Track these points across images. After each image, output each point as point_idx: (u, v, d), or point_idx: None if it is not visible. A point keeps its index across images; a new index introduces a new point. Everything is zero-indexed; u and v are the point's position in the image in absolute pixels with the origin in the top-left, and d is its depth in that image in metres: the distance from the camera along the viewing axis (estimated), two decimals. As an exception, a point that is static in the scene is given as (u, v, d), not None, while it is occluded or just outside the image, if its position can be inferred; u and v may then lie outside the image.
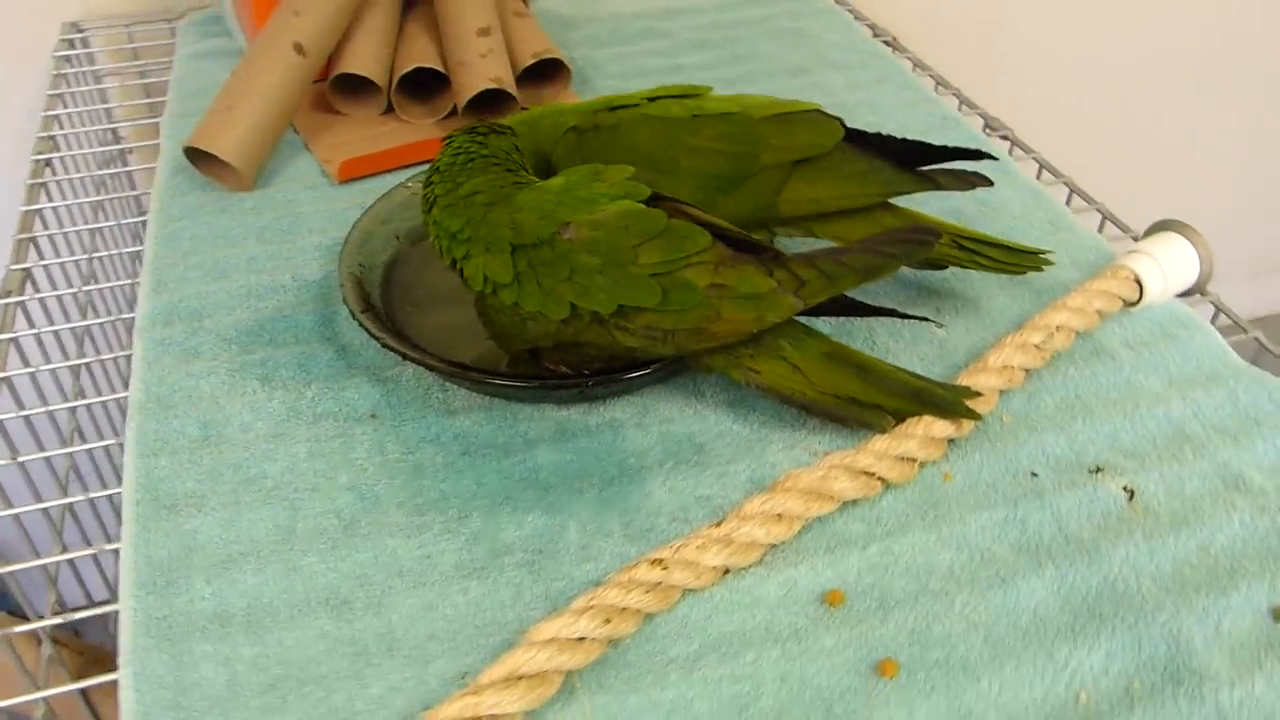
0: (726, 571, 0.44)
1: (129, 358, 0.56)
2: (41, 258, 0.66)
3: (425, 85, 0.76)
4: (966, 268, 0.57)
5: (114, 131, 0.82)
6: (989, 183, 0.58)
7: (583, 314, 0.47)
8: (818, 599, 0.44)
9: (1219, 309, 0.61)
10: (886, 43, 0.87)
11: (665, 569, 0.42)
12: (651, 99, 0.56)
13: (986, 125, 0.77)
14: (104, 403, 0.56)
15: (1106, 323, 0.57)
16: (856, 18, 0.92)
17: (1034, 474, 0.49)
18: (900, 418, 0.49)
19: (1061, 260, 0.62)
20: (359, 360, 0.56)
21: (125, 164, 0.81)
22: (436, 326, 0.56)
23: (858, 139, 0.56)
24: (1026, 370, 0.53)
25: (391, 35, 0.76)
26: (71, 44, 0.90)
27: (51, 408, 0.55)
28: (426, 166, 0.59)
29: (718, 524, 0.45)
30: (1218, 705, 0.40)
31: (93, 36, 0.92)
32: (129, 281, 0.63)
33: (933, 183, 0.56)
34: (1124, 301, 0.57)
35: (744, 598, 0.44)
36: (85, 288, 0.64)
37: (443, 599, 0.44)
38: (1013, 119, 0.77)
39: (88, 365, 0.59)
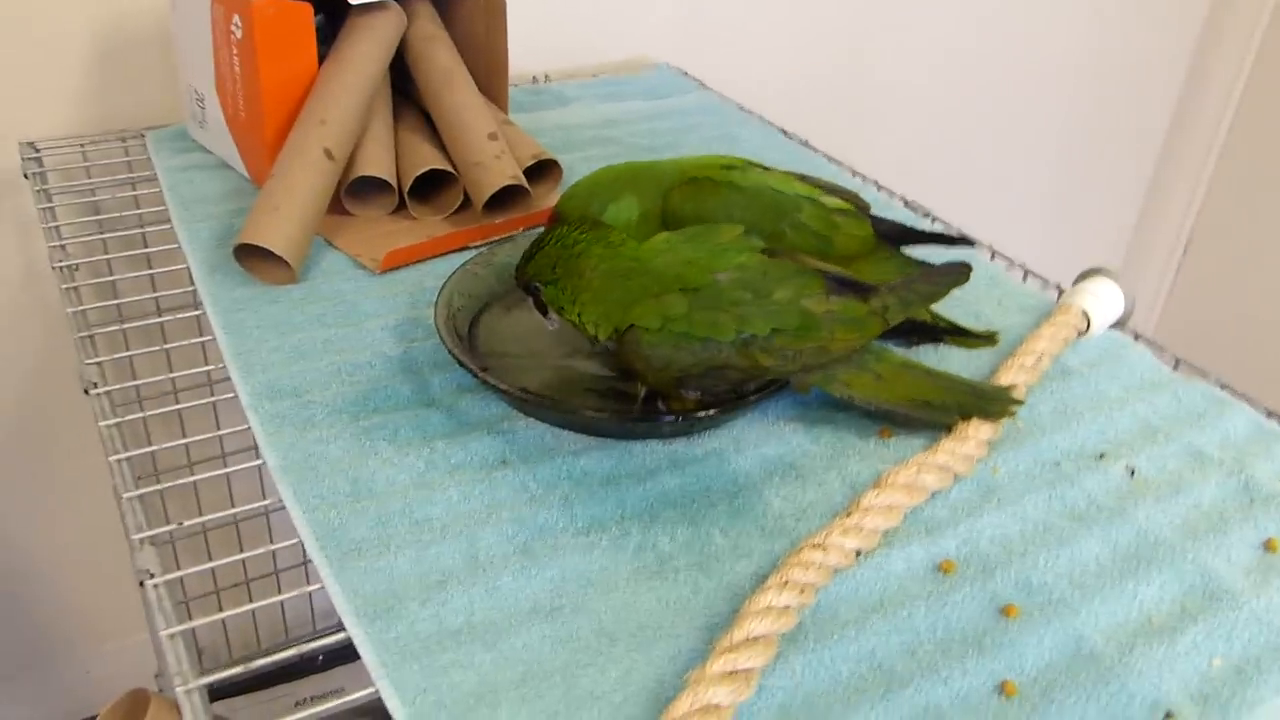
0: (858, 553, 0.53)
1: (246, 430, 0.60)
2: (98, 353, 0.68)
3: (429, 186, 0.83)
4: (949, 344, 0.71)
5: (104, 242, 0.84)
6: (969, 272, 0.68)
7: (736, 341, 0.56)
8: (934, 568, 0.53)
9: (1137, 335, 0.76)
10: (803, 143, 1.01)
11: (825, 551, 0.51)
12: (735, 167, 0.69)
13: (907, 205, 0.91)
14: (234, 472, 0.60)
15: (1065, 350, 0.71)
16: (763, 120, 1.07)
17: (1057, 463, 0.61)
18: (964, 416, 0.60)
19: (1009, 306, 0.76)
20: (468, 419, 0.62)
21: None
22: (537, 385, 0.63)
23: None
24: (1028, 386, 0.66)
25: (392, 142, 0.83)
26: (37, 162, 0.91)
27: (196, 476, 0.58)
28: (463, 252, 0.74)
29: (848, 514, 0.54)
30: (1252, 611, 0.52)
31: (46, 155, 0.94)
32: (205, 369, 0.66)
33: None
34: (1078, 332, 0.71)
35: (878, 573, 0.53)
36: (161, 377, 0.67)
37: (636, 598, 0.51)
38: (927, 200, 0.92)
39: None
